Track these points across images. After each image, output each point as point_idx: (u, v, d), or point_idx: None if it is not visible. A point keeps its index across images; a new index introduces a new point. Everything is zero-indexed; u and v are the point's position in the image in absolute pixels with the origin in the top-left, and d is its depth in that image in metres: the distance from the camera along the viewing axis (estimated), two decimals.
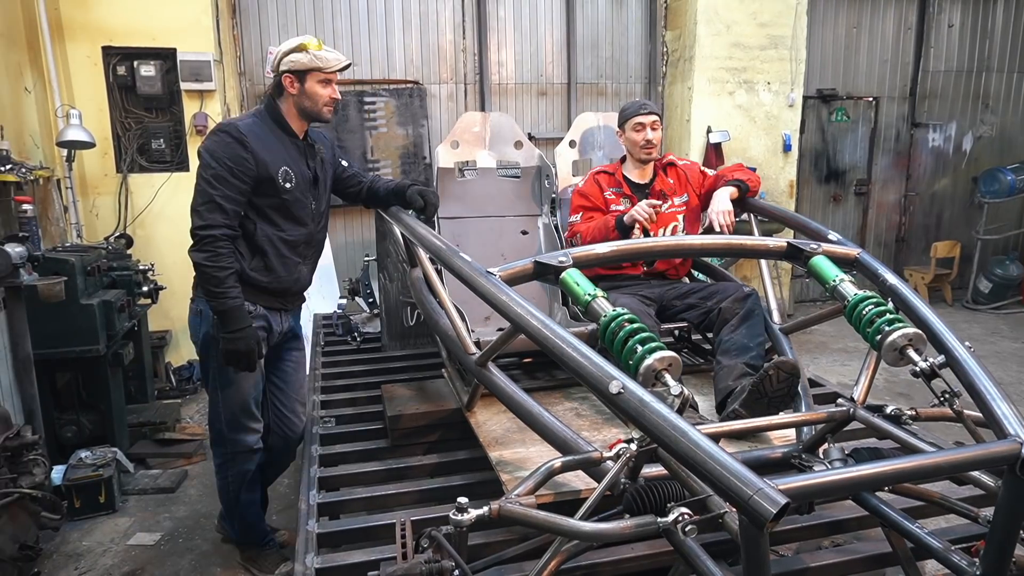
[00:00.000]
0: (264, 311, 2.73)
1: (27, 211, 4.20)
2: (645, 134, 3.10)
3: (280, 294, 2.77)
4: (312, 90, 2.61)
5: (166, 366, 5.34)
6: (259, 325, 2.69)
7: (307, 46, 2.57)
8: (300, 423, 3.04)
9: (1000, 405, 1.56)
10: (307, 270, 2.88)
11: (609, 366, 1.53)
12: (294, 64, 2.57)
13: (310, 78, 2.59)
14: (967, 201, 8.02)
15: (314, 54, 2.57)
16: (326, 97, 2.64)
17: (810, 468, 1.95)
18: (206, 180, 2.50)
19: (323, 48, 2.60)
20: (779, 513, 1.13)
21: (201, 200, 2.50)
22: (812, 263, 2.17)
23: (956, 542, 1.70)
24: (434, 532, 1.51)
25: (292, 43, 2.60)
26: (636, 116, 3.11)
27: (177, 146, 5.29)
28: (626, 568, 1.87)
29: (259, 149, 2.54)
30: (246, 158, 2.51)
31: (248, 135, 2.53)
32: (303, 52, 2.57)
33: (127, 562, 3.18)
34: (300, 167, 2.70)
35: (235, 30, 5.85)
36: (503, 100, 6.58)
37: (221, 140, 2.52)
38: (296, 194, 2.67)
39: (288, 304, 2.86)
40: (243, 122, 2.60)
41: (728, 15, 6.25)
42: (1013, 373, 5.53)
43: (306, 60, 2.56)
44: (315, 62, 2.57)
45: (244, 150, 2.51)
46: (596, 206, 3.14)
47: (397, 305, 3.93)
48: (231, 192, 2.50)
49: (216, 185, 2.49)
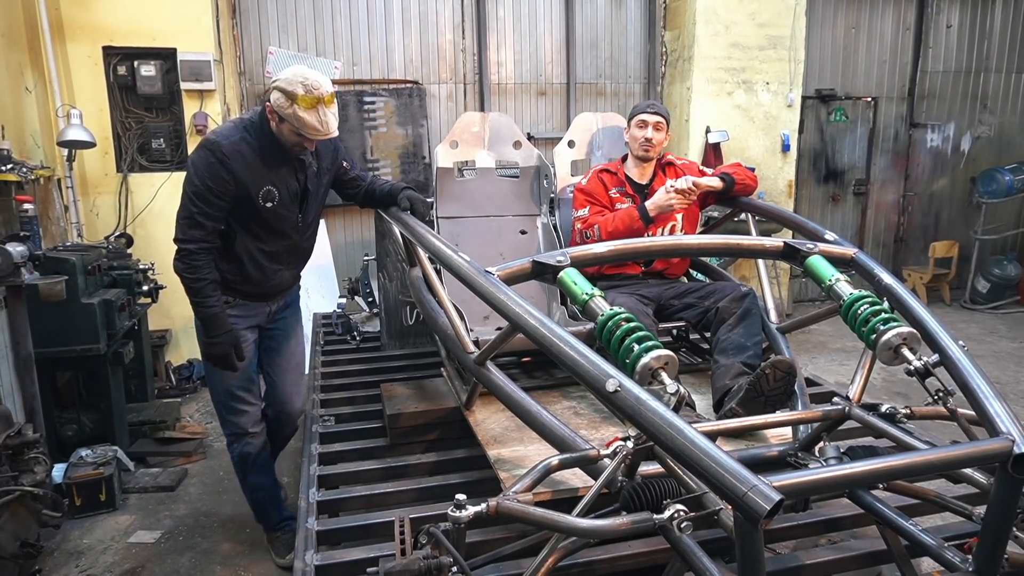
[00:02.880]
0: (243, 302, 2.79)
1: (28, 210, 4.20)
2: (645, 132, 3.15)
3: (257, 296, 2.83)
4: (286, 133, 2.52)
5: (166, 365, 5.36)
6: (239, 314, 2.77)
7: (298, 100, 2.39)
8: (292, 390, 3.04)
9: (993, 403, 1.58)
10: (289, 274, 2.92)
11: (606, 364, 1.55)
12: (279, 105, 2.44)
13: (285, 125, 2.49)
14: (965, 201, 8.03)
15: (298, 114, 2.41)
16: (296, 142, 2.54)
17: (805, 466, 1.96)
18: (188, 196, 2.55)
19: (317, 111, 2.42)
20: (773, 510, 1.14)
21: (183, 215, 2.57)
22: (808, 263, 2.19)
23: (950, 539, 1.72)
24: (432, 528, 1.53)
25: (290, 82, 2.41)
26: (641, 113, 3.19)
27: (177, 146, 5.30)
28: (623, 565, 1.89)
29: (240, 169, 2.52)
30: (226, 180, 2.51)
31: (231, 156, 2.50)
32: (291, 105, 2.41)
33: (127, 560, 3.19)
34: (288, 182, 2.65)
35: (235, 30, 5.86)
36: (502, 100, 6.59)
37: (205, 159, 2.52)
38: (279, 211, 2.66)
39: (270, 299, 2.89)
40: (232, 138, 2.54)
41: (727, 15, 6.26)
42: (1011, 373, 5.55)
43: (288, 112, 2.43)
44: (294, 121, 2.44)
45: (225, 171, 2.50)
46: (602, 204, 3.16)
47: (396, 304, 3.94)
48: (210, 210, 2.54)
49: (196, 203, 2.53)
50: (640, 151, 3.19)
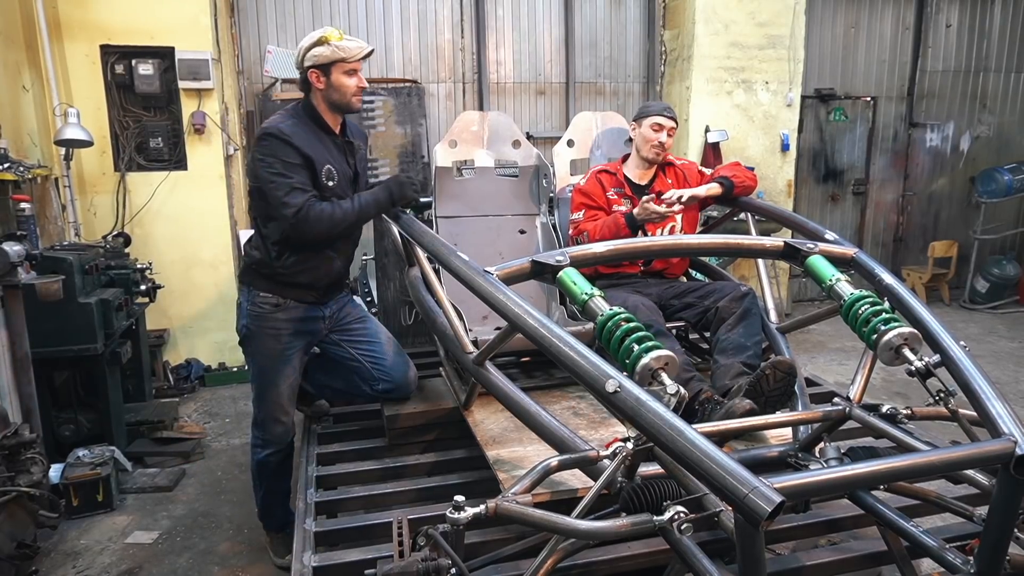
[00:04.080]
0: (295, 304, 2.75)
1: (25, 210, 4.18)
2: (660, 135, 3.13)
3: (312, 287, 2.78)
4: (338, 81, 2.62)
5: (164, 365, 5.34)
6: (287, 317, 2.73)
7: (328, 38, 2.57)
8: (397, 359, 2.94)
9: (995, 404, 1.57)
10: (341, 263, 2.88)
11: (606, 365, 1.54)
12: (317, 58, 2.58)
13: (335, 70, 2.60)
14: (964, 201, 8.02)
15: (335, 45, 2.57)
16: (353, 87, 2.64)
17: (806, 467, 1.96)
18: (279, 173, 2.54)
19: (344, 38, 2.60)
20: (774, 511, 1.13)
21: (282, 192, 2.53)
22: (809, 263, 2.18)
23: (951, 540, 1.72)
24: (431, 530, 1.52)
25: (313, 37, 2.60)
26: (659, 116, 3.15)
27: (175, 145, 5.29)
28: (622, 567, 1.88)
29: (304, 145, 2.59)
30: (297, 153, 2.57)
31: (293, 135, 2.57)
32: (324, 45, 2.56)
33: (125, 560, 3.18)
34: (341, 165, 2.73)
35: (233, 29, 5.84)
36: (501, 99, 6.58)
37: (271, 143, 2.56)
38: (338, 191, 2.69)
39: (323, 297, 2.84)
40: (284, 124, 2.61)
41: (726, 14, 6.25)
42: (1010, 372, 5.54)
43: (328, 52, 2.57)
44: (337, 53, 2.57)
45: (292, 148, 2.56)
46: (599, 205, 3.15)
47: (395, 304, 3.93)
48: (301, 176, 2.56)
49: (288, 174, 2.54)
50: (651, 153, 3.16)
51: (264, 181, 2.56)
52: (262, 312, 2.72)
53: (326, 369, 2.99)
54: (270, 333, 2.73)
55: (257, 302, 2.72)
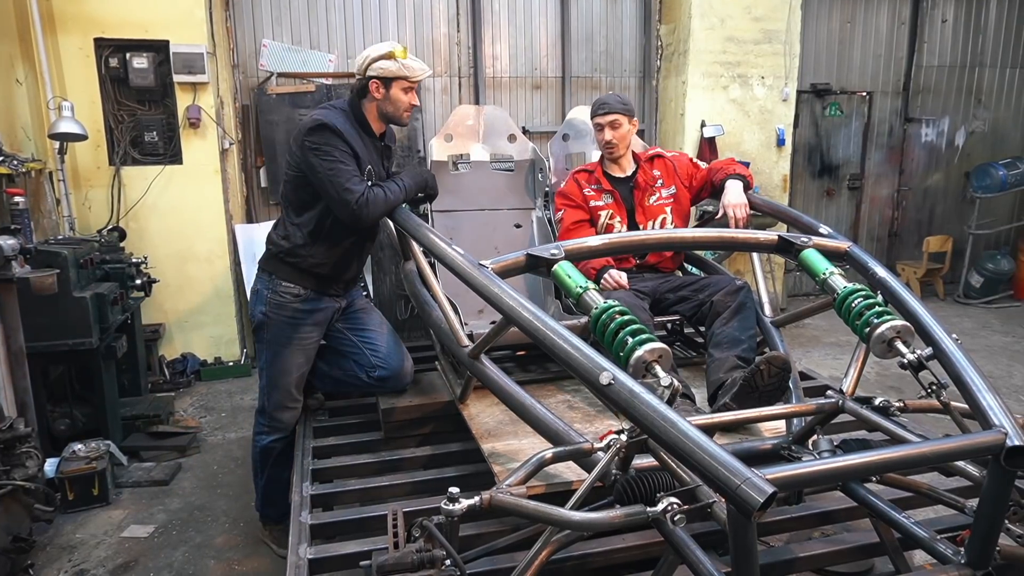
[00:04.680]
0: (313, 294, 2.83)
1: (19, 204, 4.17)
2: (603, 135, 3.12)
3: (334, 279, 2.88)
4: (396, 96, 2.73)
5: (159, 359, 5.33)
6: (306, 308, 2.82)
7: (396, 54, 2.67)
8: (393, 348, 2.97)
9: (986, 396, 1.58)
10: (356, 265, 2.99)
11: (600, 358, 1.55)
12: (383, 71, 2.68)
13: (395, 85, 2.71)
14: (959, 196, 8.04)
15: (402, 63, 2.68)
16: (407, 103, 2.77)
17: (799, 459, 1.97)
18: (338, 160, 2.61)
19: (409, 57, 2.72)
20: (766, 502, 1.14)
21: (343, 179, 2.59)
22: (803, 256, 2.19)
23: (942, 532, 1.73)
24: (425, 522, 1.52)
25: (381, 49, 2.69)
26: (594, 117, 3.16)
27: (170, 139, 5.27)
28: (616, 559, 1.89)
29: (352, 142, 2.68)
30: (348, 147, 2.65)
31: (343, 131, 2.65)
32: (392, 60, 2.67)
33: (120, 554, 3.18)
34: (379, 168, 2.84)
35: (228, 22, 5.82)
36: (497, 93, 6.56)
37: (326, 135, 2.62)
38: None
39: (337, 291, 2.93)
40: (336, 119, 2.67)
41: (722, 9, 6.25)
42: (1003, 367, 5.57)
43: (394, 68, 2.67)
44: (403, 71, 2.69)
45: (342, 141, 2.64)
46: (577, 204, 3.16)
47: (391, 298, 3.93)
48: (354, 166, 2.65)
49: (346, 163, 2.62)
50: (605, 152, 3.19)
51: (321, 169, 2.61)
52: (283, 301, 2.81)
53: (327, 358, 3.03)
54: (288, 322, 2.82)
55: (279, 291, 2.81)
